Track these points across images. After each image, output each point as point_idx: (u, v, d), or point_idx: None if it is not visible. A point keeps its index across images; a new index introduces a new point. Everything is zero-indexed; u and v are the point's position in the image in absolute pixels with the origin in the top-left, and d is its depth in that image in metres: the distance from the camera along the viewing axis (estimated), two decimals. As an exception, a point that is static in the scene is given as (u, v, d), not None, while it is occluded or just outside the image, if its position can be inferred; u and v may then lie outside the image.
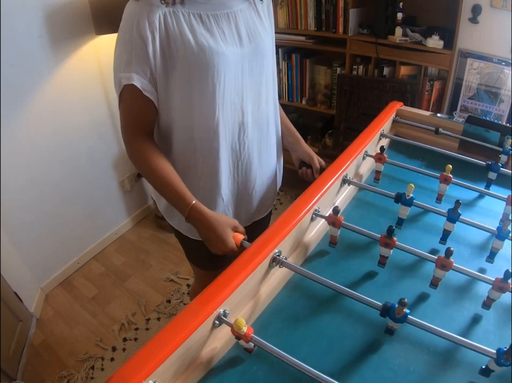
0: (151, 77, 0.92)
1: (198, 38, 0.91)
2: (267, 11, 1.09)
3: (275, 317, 0.85)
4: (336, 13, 2.36)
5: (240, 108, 1.04)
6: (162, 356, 0.63)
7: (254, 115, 1.09)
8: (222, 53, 0.94)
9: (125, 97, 0.94)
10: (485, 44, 2.02)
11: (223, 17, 0.96)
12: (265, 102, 1.12)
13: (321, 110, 2.73)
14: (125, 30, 0.89)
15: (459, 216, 0.95)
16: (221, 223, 0.95)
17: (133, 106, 0.95)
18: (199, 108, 0.99)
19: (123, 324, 2.08)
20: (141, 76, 0.90)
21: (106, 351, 1.95)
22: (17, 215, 2.05)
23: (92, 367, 1.89)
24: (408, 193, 0.99)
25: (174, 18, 0.89)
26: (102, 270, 2.46)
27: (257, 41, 1.02)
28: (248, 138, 1.10)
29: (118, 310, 2.17)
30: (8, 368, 1.74)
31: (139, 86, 0.90)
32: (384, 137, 1.41)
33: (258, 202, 1.24)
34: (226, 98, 1.00)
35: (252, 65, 1.03)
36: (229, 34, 0.97)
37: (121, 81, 0.91)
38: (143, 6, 0.87)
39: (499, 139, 1.32)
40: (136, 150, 0.98)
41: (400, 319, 0.73)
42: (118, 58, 0.92)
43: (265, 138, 1.17)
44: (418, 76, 2.30)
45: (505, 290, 0.78)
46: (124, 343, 1.99)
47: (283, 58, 2.73)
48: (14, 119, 1.90)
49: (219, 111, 1.00)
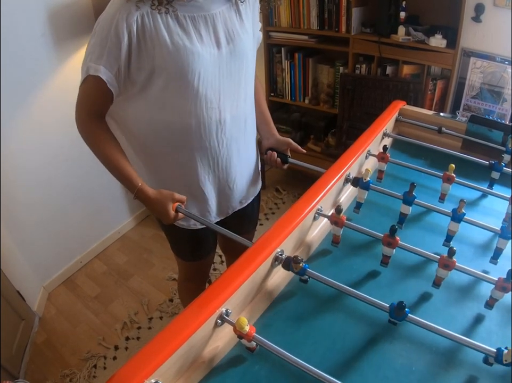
0: (118, 73, 0.96)
1: (174, 38, 0.95)
2: (251, 12, 1.11)
3: (277, 316, 0.85)
4: (339, 12, 2.35)
5: (217, 107, 1.08)
6: (164, 355, 0.64)
7: (233, 114, 1.13)
8: (197, 53, 0.97)
9: (89, 84, 1.00)
10: (488, 43, 2.01)
11: (200, 19, 0.99)
12: (243, 101, 1.16)
13: (323, 109, 2.73)
14: (104, 26, 0.94)
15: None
16: (160, 199, 1.05)
17: (94, 93, 1.01)
18: (175, 106, 1.03)
19: (125, 323, 2.09)
20: (108, 70, 0.95)
21: (109, 350, 1.96)
22: (20, 214, 2.06)
23: (95, 366, 1.89)
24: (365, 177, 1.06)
25: (152, 18, 0.93)
26: (105, 269, 2.47)
27: (235, 43, 1.05)
28: (226, 136, 1.13)
29: (121, 309, 2.18)
30: (10, 366, 1.75)
31: (104, 79, 0.95)
32: (386, 136, 1.41)
33: (239, 195, 1.30)
34: (202, 96, 1.03)
35: (230, 66, 1.06)
36: (205, 36, 1.00)
37: (88, 70, 0.97)
38: (123, 5, 0.91)
39: (502, 138, 1.31)
40: (88, 132, 1.06)
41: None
42: (91, 47, 0.97)
43: (243, 135, 1.21)
44: (421, 75, 2.29)
45: (508, 290, 0.78)
46: (127, 342, 1.99)
47: (286, 57, 2.73)
48: (17, 119, 1.90)
49: (194, 109, 1.04)
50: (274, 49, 2.76)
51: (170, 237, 1.40)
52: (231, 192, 1.25)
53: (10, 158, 1.91)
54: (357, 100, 2.50)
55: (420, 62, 2.25)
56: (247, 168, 1.29)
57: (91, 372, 1.86)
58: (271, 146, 1.32)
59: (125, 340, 2.00)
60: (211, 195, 1.22)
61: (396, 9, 2.19)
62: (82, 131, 1.07)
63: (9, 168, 1.91)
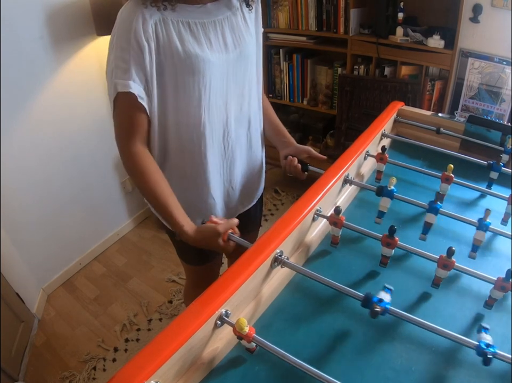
0: (146, 85, 0.94)
1: (186, 45, 0.95)
2: (254, 18, 1.13)
3: (277, 317, 0.85)
4: (337, 13, 2.36)
5: (224, 111, 1.08)
6: (164, 356, 0.63)
7: (237, 116, 1.13)
8: (207, 60, 0.98)
9: (121, 104, 0.95)
10: (486, 44, 2.01)
11: (210, 25, 0.99)
12: (247, 103, 1.16)
13: (322, 110, 2.73)
14: (121, 37, 0.91)
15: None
16: (204, 239, 0.97)
17: (129, 114, 0.96)
18: (186, 112, 1.02)
19: (125, 325, 2.08)
20: (137, 84, 0.92)
21: (108, 352, 1.95)
22: (19, 216, 2.05)
23: (94, 367, 1.89)
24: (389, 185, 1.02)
25: (164, 26, 0.92)
26: (104, 271, 2.46)
27: (242, 47, 1.06)
28: (231, 138, 1.14)
29: (120, 311, 2.18)
30: (10, 369, 1.74)
31: (136, 94, 0.91)
32: (385, 137, 1.41)
33: (242, 197, 1.29)
34: (212, 101, 1.04)
35: (236, 69, 1.07)
36: (215, 42, 1.00)
37: (116, 87, 0.92)
38: (138, 14, 0.89)
39: (500, 138, 1.31)
40: (132, 162, 0.98)
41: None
42: (113, 63, 0.93)
43: (248, 137, 1.21)
44: (419, 76, 2.30)
45: (507, 289, 0.78)
46: (126, 344, 1.99)
47: (284, 58, 2.73)
48: (15, 120, 1.90)
49: (205, 114, 1.04)
50: (272, 50, 2.76)
51: (176, 243, 1.35)
52: (234, 193, 1.25)
53: (9, 160, 1.90)
54: (355, 101, 2.50)
55: (418, 63, 2.25)
56: (250, 170, 1.28)
57: (91, 374, 1.86)
58: (291, 154, 1.28)
59: (124, 342, 2.00)
60: (219, 199, 1.21)
61: (394, 10, 2.19)
62: (126, 163, 0.99)
63: (8, 170, 1.91)
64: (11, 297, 1.91)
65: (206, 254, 1.32)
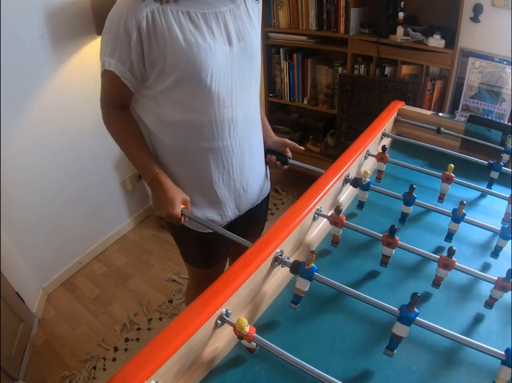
0: (131, 67, 0.97)
1: (186, 35, 0.94)
2: (257, 12, 1.11)
3: (277, 316, 0.85)
4: (337, 13, 2.36)
5: (229, 105, 1.06)
6: (164, 356, 0.63)
7: (244, 112, 1.11)
8: (209, 50, 0.96)
9: (106, 77, 1.04)
10: (486, 44, 2.01)
11: (211, 15, 0.98)
12: (254, 100, 1.15)
13: (322, 110, 2.73)
14: (113, 22, 0.95)
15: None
16: (174, 192, 1.07)
17: (111, 86, 1.05)
18: (187, 104, 1.02)
19: (125, 324, 2.09)
20: (121, 64, 0.97)
21: (108, 352, 1.95)
22: (19, 216, 2.05)
23: (94, 367, 1.89)
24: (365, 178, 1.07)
25: (163, 15, 0.92)
26: (104, 270, 2.47)
27: (246, 40, 1.04)
28: (238, 135, 1.12)
29: (120, 311, 2.18)
30: (10, 368, 1.75)
31: (118, 73, 0.98)
32: (385, 136, 1.41)
33: (252, 196, 1.28)
34: (214, 94, 1.02)
35: (241, 64, 1.05)
36: (217, 33, 0.99)
37: (104, 64, 1.00)
38: (133, 2, 0.91)
39: (501, 138, 1.31)
40: (110, 119, 1.11)
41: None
42: (104, 43, 1.00)
43: (255, 134, 1.20)
44: (419, 76, 2.30)
45: (507, 289, 0.78)
46: (126, 344, 1.99)
47: (285, 58, 2.73)
48: (16, 120, 1.90)
49: (207, 107, 1.03)
50: (273, 49, 2.76)
51: (179, 241, 1.35)
52: (245, 193, 1.23)
53: (9, 160, 1.90)
54: (356, 101, 2.50)
55: (419, 62, 2.25)
56: (259, 168, 1.27)
57: (91, 373, 1.86)
58: (269, 148, 1.31)
59: (124, 341, 2.00)
60: (225, 198, 1.19)
61: (395, 10, 2.19)
62: (104, 119, 1.12)
63: (8, 169, 1.91)
64: (12, 297, 1.91)
65: (212, 256, 1.34)
